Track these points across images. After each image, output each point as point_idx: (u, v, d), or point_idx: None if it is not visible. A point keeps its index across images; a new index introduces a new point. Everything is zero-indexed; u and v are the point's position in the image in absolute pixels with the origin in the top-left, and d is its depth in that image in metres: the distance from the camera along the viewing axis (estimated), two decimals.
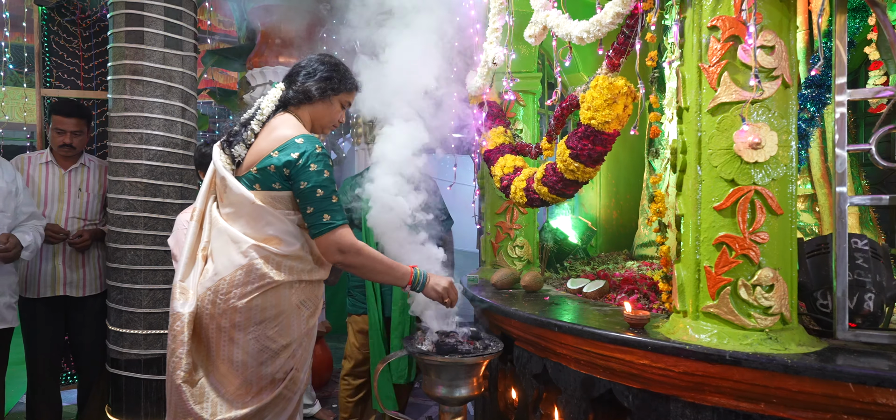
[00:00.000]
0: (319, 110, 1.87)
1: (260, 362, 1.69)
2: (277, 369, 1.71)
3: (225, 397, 1.68)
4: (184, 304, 1.69)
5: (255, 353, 1.68)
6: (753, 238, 1.56)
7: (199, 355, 1.72)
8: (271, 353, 1.70)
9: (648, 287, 2.38)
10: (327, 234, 1.69)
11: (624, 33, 1.89)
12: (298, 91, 1.82)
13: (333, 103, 1.88)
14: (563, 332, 1.91)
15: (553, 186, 2.20)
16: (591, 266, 3.33)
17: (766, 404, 1.51)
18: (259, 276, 1.66)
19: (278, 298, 1.70)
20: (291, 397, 1.78)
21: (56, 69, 3.70)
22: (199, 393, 1.67)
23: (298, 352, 1.78)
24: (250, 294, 1.66)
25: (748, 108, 1.55)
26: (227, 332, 1.67)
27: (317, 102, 1.84)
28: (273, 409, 1.73)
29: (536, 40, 2.24)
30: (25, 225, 2.59)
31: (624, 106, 1.94)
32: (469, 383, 2.10)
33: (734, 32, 1.58)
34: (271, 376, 1.71)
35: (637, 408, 1.76)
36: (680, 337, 1.65)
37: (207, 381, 1.70)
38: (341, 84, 1.87)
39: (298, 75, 1.84)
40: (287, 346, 1.73)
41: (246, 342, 1.67)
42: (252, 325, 1.67)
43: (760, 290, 1.56)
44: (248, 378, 1.69)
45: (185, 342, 1.66)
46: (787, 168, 1.58)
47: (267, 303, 1.68)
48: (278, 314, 1.70)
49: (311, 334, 1.84)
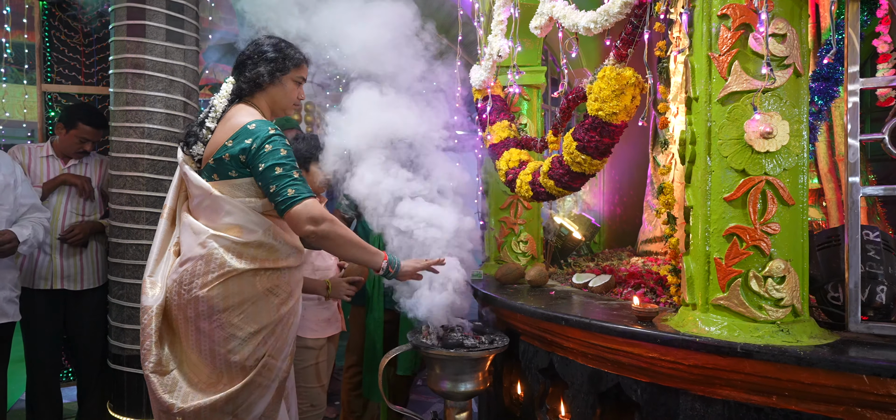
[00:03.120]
0: (274, 94, 1.86)
1: (227, 350, 1.70)
2: (246, 356, 1.71)
3: (197, 386, 1.71)
4: (149, 297, 1.73)
5: (221, 341, 1.69)
6: (764, 229, 1.54)
7: (173, 346, 1.75)
8: (238, 341, 1.70)
9: (655, 281, 2.35)
10: (294, 206, 1.67)
11: (632, 23, 1.87)
12: (248, 80, 1.82)
13: (285, 83, 1.87)
14: (571, 326, 1.89)
15: (559, 179, 2.18)
16: (596, 262, 3.30)
17: (777, 397, 1.49)
18: (219, 264, 1.68)
19: (241, 286, 1.70)
20: (267, 384, 1.76)
21: (57, 65, 3.68)
22: (170, 383, 1.70)
23: (270, 339, 1.76)
24: (211, 283, 1.68)
25: (759, 97, 1.53)
26: (193, 322, 1.70)
27: (268, 87, 1.84)
28: (246, 397, 1.73)
29: (542, 32, 2.22)
30: (25, 218, 2.57)
31: (632, 97, 1.92)
32: (474, 378, 2.09)
33: (745, 20, 1.55)
34: (241, 364, 1.71)
35: (646, 402, 1.74)
36: (689, 330, 1.62)
37: (179, 372, 1.73)
38: (287, 62, 1.85)
39: (245, 64, 1.84)
40: (256, 334, 1.72)
41: (211, 330, 1.69)
42: (216, 314, 1.69)
43: (772, 281, 1.54)
44: (217, 366, 1.71)
45: (151, 334, 1.70)
46: (798, 158, 1.56)
47: (229, 291, 1.69)
48: (242, 302, 1.71)
49: (285, 322, 1.82)
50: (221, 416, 1.70)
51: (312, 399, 2.39)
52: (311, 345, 2.39)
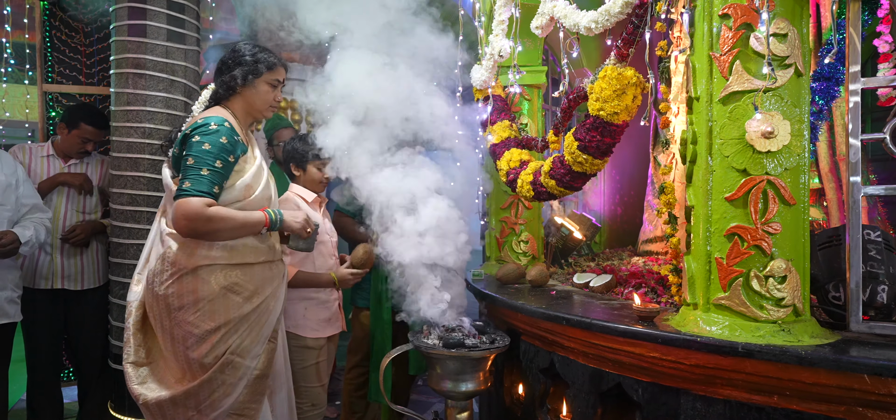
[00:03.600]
0: (248, 97, 1.90)
1: (186, 346, 1.73)
2: (205, 353, 1.73)
3: (165, 380, 1.77)
4: (132, 293, 1.83)
5: (180, 338, 1.73)
6: (766, 229, 1.54)
7: (151, 341, 1.83)
8: (196, 339, 1.73)
9: (656, 281, 2.36)
10: (178, 200, 1.69)
11: (633, 23, 1.87)
12: (223, 84, 1.89)
13: (259, 86, 1.90)
14: (572, 326, 1.89)
15: (561, 179, 2.18)
16: (596, 262, 3.30)
17: (779, 397, 1.49)
18: (171, 262, 1.74)
19: (195, 284, 1.73)
20: (233, 382, 1.76)
21: (58, 65, 3.68)
22: (143, 375, 1.79)
23: (232, 337, 1.76)
24: (167, 281, 1.73)
25: (761, 96, 1.53)
26: (158, 320, 1.76)
27: (243, 90, 1.89)
28: (208, 394, 1.74)
29: (543, 32, 2.22)
30: (27, 218, 2.57)
31: (633, 97, 1.92)
32: (475, 378, 2.09)
33: (746, 20, 1.56)
34: (199, 361, 1.73)
35: (647, 401, 1.74)
36: (690, 329, 1.63)
37: (154, 366, 1.80)
38: (260, 65, 1.88)
39: (221, 69, 1.91)
40: (214, 331, 1.74)
41: (171, 327, 1.74)
42: (173, 311, 1.73)
43: (773, 281, 1.54)
44: (179, 362, 1.76)
45: (130, 327, 1.80)
46: (799, 157, 1.56)
47: (183, 289, 1.73)
48: (197, 300, 1.73)
49: (253, 320, 1.82)
50: (184, 411, 1.73)
51: (313, 398, 2.39)
52: (312, 344, 2.39)
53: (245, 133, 1.93)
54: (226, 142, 1.75)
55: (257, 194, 1.87)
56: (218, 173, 1.73)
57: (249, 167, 1.86)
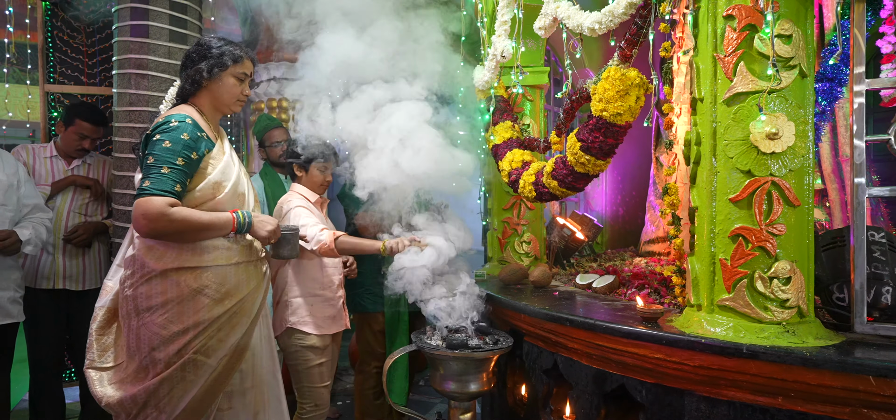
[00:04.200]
0: (214, 91, 1.87)
1: (152, 347, 1.72)
2: (171, 354, 1.72)
3: (126, 380, 1.77)
4: (100, 298, 1.83)
5: (146, 339, 1.72)
6: (770, 230, 1.54)
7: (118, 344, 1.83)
8: (162, 339, 1.72)
9: (658, 282, 2.35)
10: (137, 199, 1.67)
11: (637, 24, 1.87)
12: (188, 77, 1.85)
13: (225, 80, 1.86)
14: (576, 327, 1.89)
15: (563, 180, 2.18)
16: (598, 262, 3.30)
17: (783, 398, 1.49)
18: (140, 265, 1.73)
19: (164, 286, 1.72)
20: (193, 380, 1.74)
21: (60, 65, 3.68)
22: (106, 378, 1.80)
23: (199, 339, 1.74)
24: (136, 283, 1.73)
25: (765, 97, 1.53)
26: (125, 320, 1.77)
27: (209, 84, 1.85)
28: (167, 391, 1.72)
29: (546, 32, 2.22)
30: (28, 218, 2.57)
31: (636, 97, 1.92)
32: (479, 378, 2.09)
33: (751, 21, 1.55)
34: (165, 361, 1.72)
35: (651, 402, 1.74)
36: (695, 330, 1.62)
37: (116, 369, 1.81)
38: (225, 58, 1.84)
39: (186, 64, 1.87)
40: (182, 333, 1.72)
41: (138, 328, 1.73)
42: (141, 312, 1.72)
43: (777, 282, 1.54)
44: (143, 362, 1.73)
45: (94, 332, 1.81)
46: (804, 159, 1.56)
47: (152, 291, 1.72)
48: (166, 302, 1.72)
49: (224, 323, 1.78)
50: (144, 409, 1.72)
51: (316, 399, 2.39)
52: (317, 343, 2.39)
53: (212, 128, 1.89)
54: (187, 138, 1.72)
55: (228, 192, 1.83)
56: (180, 171, 1.70)
57: (217, 163, 1.82)
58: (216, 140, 1.87)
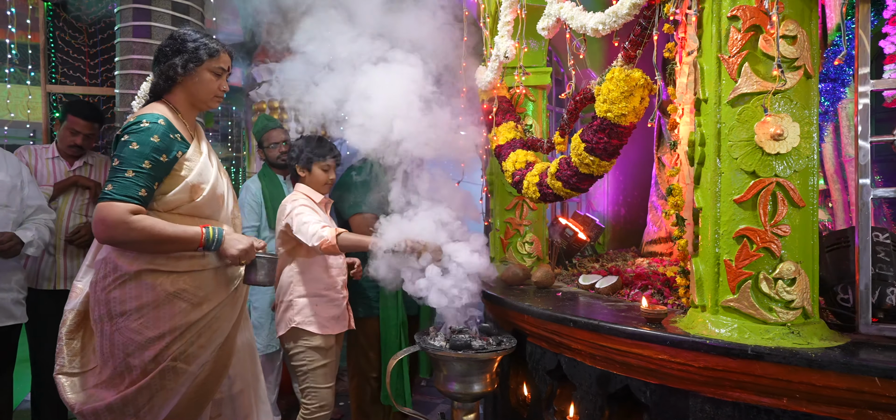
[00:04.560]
0: (190, 87, 1.77)
1: (127, 353, 1.64)
2: (147, 360, 1.64)
3: (99, 387, 1.67)
4: (69, 301, 1.74)
5: (121, 344, 1.64)
6: (775, 231, 1.54)
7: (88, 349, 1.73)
8: (137, 345, 1.64)
9: (662, 282, 2.35)
10: (98, 204, 1.59)
11: (640, 25, 1.87)
12: (162, 73, 1.75)
13: (201, 75, 1.76)
14: (579, 328, 1.89)
15: (567, 181, 2.18)
16: (600, 262, 3.30)
17: (788, 399, 1.49)
18: (113, 267, 1.65)
19: (139, 290, 1.64)
20: (174, 388, 1.67)
21: (61, 66, 3.69)
22: (77, 384, 1.70)
23: (177, 344, 1.67)
24: (109, 287, 1.65)
25: (770, 98, 1.53)
26: (97, 324, 1.67)
27: (184, 80, 1.75)
28: (146, 399, 1.65)
29: (550, 33, 2.22)
30: (31, 219, 2.56)
31: (641, 98, 1.92)
32: (482, 379, 2.09)
33: (755, 22, 1.55)
34: (141, 367, 1.64)
35: (655, 403, 1.74)
36: (699, 331, 1.62)
37: (88, 374, 1.70)
38: (201, 52, 1.74)
39: (159, 58, 1.76)
40: (158, 338, 1.65)
41: (112, 333, 1.64)
42: (114, 317, 1.64)
43: (782, 283, 1.54)
44: (117, 368, 1.65)
45: (64, 337, 1.71)
46: (808, 160, 1.56)
47: (126, 295, 1.64)
48: (141, 306, 1.64)
49: (202, 328, 1.72)
50: (121, 417, 1.65)
51: (322, 399, 2.38)
52: (321, 343, 2.38)
53: (188, 127, 1.79)
54: (157, 141, 1.62)
55: (206, 195, 1.74)
56: (146, 175, 1.61)
57: (193, 165, 1.72)
58: (192, 139, 1.77)
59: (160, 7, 2.91)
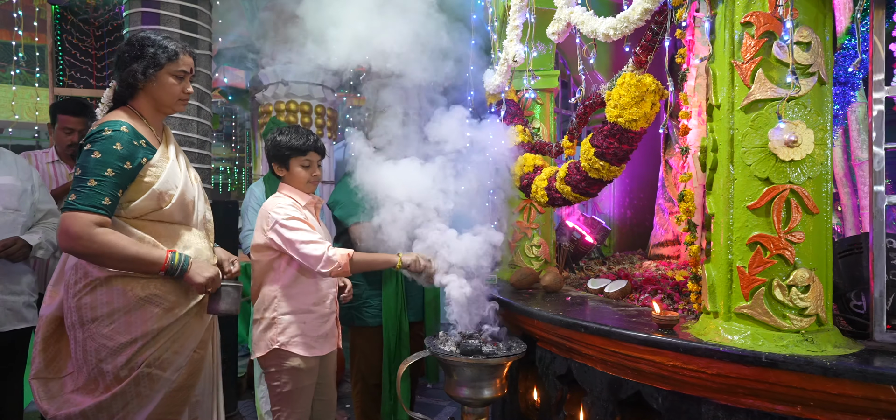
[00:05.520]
0: (153, 93, 1.74)
1: (99, 359, 1.63)
2: (120, 366, 1.63)
3: (74, 392, 1.66)
4: (44, 306, 1.72)
5: (93, 350, 1.63)
6: (789, 238, 1.54)
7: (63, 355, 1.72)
8: (109, 351, 1.63)
9: (671, 287, 2.35)
10: (62, 215, 1.57)
11: (652, 30, 1.86)
12: (123, 81, 1.72)
13: (162, 79, 1.73)
14: (591, 333, 1.89)
15: (577, 185, 2.18)
16: (607, 265, 3.30)
17: (803, 407, 1.48)
18: (84, 273, 1.64)
19: (110, 296, 1.63)
20: (148, 395, 1.66)
21: (69, 68, 3.70)
22: (52, 390, 1.68)
23: (150, 350, 1.66)
24: (80, 293, 1.64)
25: (784, 105, 1.53)
26: (71, 331, 1.66)
27: (146, 86, 1.72)
28: (121, 406, 1.64)
29: (560, 37, 2.22)
30: (41, 223, 2.57)
31: (652, 104, 1.92)
32: (492, 384, 2.08)
33: (769, 28, 1.55)
34: (114, 373, 1.63)
35: (667, 410, 1.73)
36: (712, 338, 1.62)
37: (62, 380, 1.69)
38: (159, 56, 1.71)
39: (118, 65, 1.73)
40: (130, 344, 1.64)
41: (84, 339, 1.63)
42: (86, 323, 1.63)
43: (796, 290, 1.53)
44: (91, 374, 1.64)
45: (39, 343, 1.69)
46: (823, 166, 1.55)
47: (96, 301, 1.63)
48: (112, 312, 1.63)
49: (175, 333, 1.71)
50: None
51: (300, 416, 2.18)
52: (305, 365, 2.13)
53: (155, 132, 1.76)
54: (121, 148, 1.60)
55: (175, 201, 1.72)
56: (109, 183, 1.58)
57: (159, 172, 1.69)
58: (159, 144, 1.75)
59: (168, 11, 2.91)
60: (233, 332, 3.42)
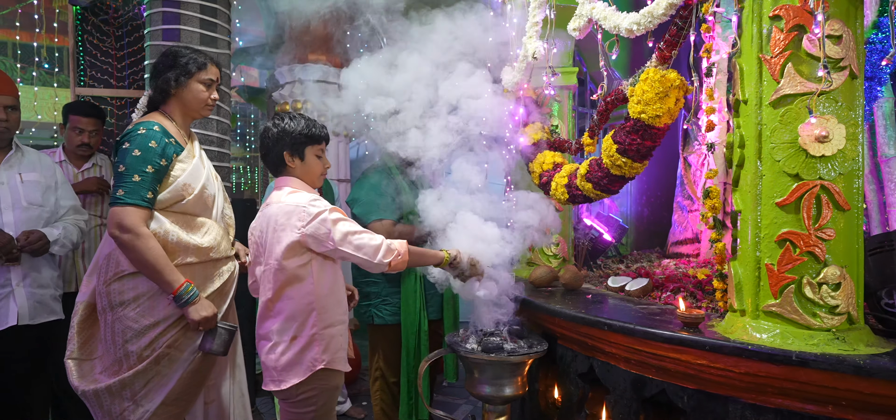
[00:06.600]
0: (183, 98, 1.95)
1: (125, 339, 1.80)
2: (144, 347, 1.80)
3: (102, 372, 1.83)
4: (80, 294, 1.89)
5: (119, 332, 1.80)
6: (819, 234, 1.51)
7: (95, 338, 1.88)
8: (134, 333, 1.80)
9: (694, 285, 2.32)
10: (113, 207, 1.76)
11: (676, 25, 1.84)
12: (158, 88, 1.94)
13: (192, 86, 1.94)
14: (614, 331, 1.87)
15: (598, 182, 2.16)
16: (625, 263, 3.27)
17: (834, 407, 1.46)
18: (115, 263, 1.82)
19: (136, 283, 1.81)
20: (167, 374, 1.83)
21: (90, 68, 3.74)
22: (84, 370, 1.85)
23: (171, 332, 1.83)
24: (110, 280, 1.82)
25: (815, 99, 1.50)
26: (101, 315, 1.84)
27: (178, 92, 1.93)
28: (142, 384, 1.80)
29: (581, 33, 2.20)
30: (63, 219, 2.60)
31: (676, 100, 1.89)
32: (514, 382, 2.08)
33: (799, 22, 1.52)
34: (137, 353, 1.80)
35: (693, 409, 1.71)
36: (739, 336, 1.60)
37: (93, 361, 1.86)
38: (190, 65, 1.92)
39: (153, 75, 1.96)
40: (152, 326, 1.81)
41: (112, 322, 1.81)
42: (115, 307, 1.81)
43: (827, 288, 1.51)
44: (117, 355, 1.81)
45: (75, 325, 1.87)
46: (854, 162, 1.53)
47: (124, 287, 1.81)
48: (137, 296, 1.81)
49: None
50: (120, 401, 1.80)
51: None
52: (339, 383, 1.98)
53: (183, 133, 1.97)
54: (155, 146, 1.80)
55: (196, 194, 1.90)
56: (149, 178, 1.78)
57: (186, 166, 1.90)
58: (186, 143, 1.95)
59: (189, 11, 2.93)
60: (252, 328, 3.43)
